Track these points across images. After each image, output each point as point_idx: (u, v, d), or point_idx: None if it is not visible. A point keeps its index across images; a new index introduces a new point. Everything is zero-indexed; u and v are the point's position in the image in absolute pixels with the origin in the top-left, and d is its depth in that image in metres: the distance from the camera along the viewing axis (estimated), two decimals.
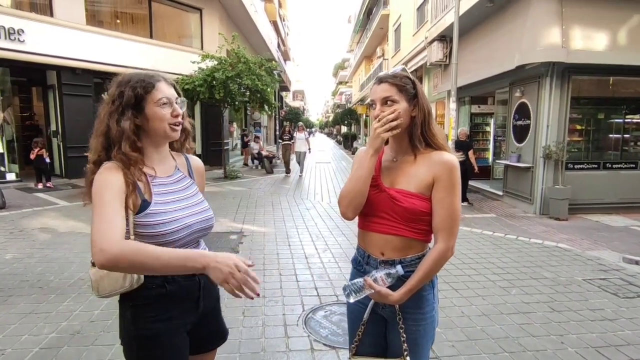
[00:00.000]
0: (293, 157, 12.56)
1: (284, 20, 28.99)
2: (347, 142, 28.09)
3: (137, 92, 1.17)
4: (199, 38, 12.74)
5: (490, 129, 10.50)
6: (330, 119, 63.10)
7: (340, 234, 5.43)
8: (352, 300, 1.25)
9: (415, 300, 1.28)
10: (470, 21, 8.55)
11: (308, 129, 54.38)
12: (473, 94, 10.14)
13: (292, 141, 12.29)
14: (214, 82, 9.32)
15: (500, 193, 8.25)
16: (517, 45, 6.85)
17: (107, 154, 1.19)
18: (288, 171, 12.27)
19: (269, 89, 10.05)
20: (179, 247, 1.21)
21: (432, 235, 1.30)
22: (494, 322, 3.02)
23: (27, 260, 4.16)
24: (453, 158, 1.26)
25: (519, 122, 7.47)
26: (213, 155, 12.75)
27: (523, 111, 7.32)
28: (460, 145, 7.54)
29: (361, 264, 1.39)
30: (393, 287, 1.23)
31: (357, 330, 1.38)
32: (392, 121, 1.21)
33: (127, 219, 1.11)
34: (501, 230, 5.84)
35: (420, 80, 14.13)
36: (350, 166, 15.64)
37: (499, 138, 9.54)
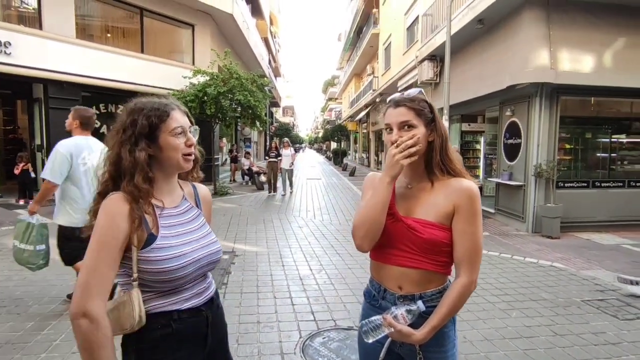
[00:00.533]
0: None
1: (274, 37, 29.32)
2: (337, 158, 28.15)
3: (151, 120, 1.11)
4: (190, 54, 12.71)
5: (481, 146, 10.61)
6: (320, 134, 63.49)
7: (335, 254, 5.32)
8: (370, 340, 1.15)
9: (437, 338, 1.18)
10: (461, 41, 8.72)
11: (297, 145, 54.78)
12: (463, 112, 10.28)
13: (279, 158, 11.75)
14: (206, 97, 9.25)
15: (492, 211, 8.27)
16: (507, 66, 6.98)
17: (115, 185, 1.11)
18: (273, 190, 11.67)
19: (260, 105, 10.02)
20: (185, 284, 1.14)
21: (452, 267, 1.23)
22: (497, 347, 2.93)
23: (5, 284, 3.93)
24: (473, 185, 1.20)
25: (510, 141, 7.55)
26: (203, 170, 12.41)
27: (514, 130, 7.41)
28: None
29: (376, 299, 1.30)
30: (414, 325, 1.13)
31: None
32: (411, 147, 1.14)
33: (130, 257, 1.06)
34: (495, 248, 5.81)
35: None
36: (341, 182, 15.66)
37: (489, 156, 9.62)
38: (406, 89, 10.34)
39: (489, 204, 8.67)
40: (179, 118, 1.16)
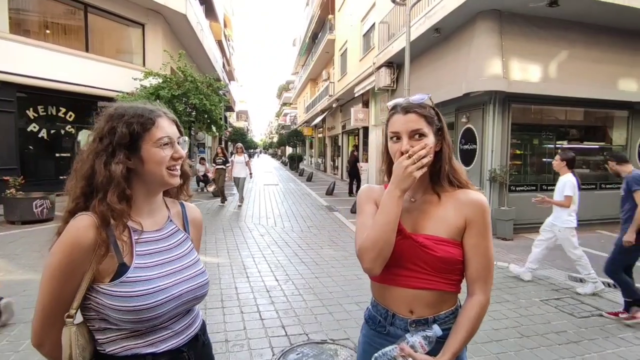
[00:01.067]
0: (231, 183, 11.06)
1: (228, 40, 28.70)
2: (294, 164, 27.99)
3: (133, 129, 0.95)
4: (140, 54, 12.02)
5: None
6: (275, 139, 63.01)
7: (300, 263, 5.16)
8: None
9: None
10: (418, 49, 8.96)
11: (252, 150, 53.85)
12: None
13: (228, 165, 10.35)
14: (158, 100, 8.74)
15: None
16: (463, 74, 7.25)
17: (87, 202, 0.94)
18: (223, 200, 10.46)
19: (217, 109, 9.65)
20: (163, 322, 0.97)
21: (460, 285, 1.13)
22: (471, 353, 2.93)
23: None
24: (483, 197, 1.13)
25: (466, 147, 7.85)
26: None
27: (469, 136, 7.71)
28: None
29: (382, 325, 1.17)
30: (429, 351, 1.02)
31: None
32: (423, 157, 1.03)
33: (90, 296, 0.91)
34: None
35: (367, 104, 14.55)
36: (299, 188, 15.50)
37: None
38: (362, 95, 10.53)
39: None
40: (166, 127, 1.00)
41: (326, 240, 6.46)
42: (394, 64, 10.70)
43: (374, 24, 13.08)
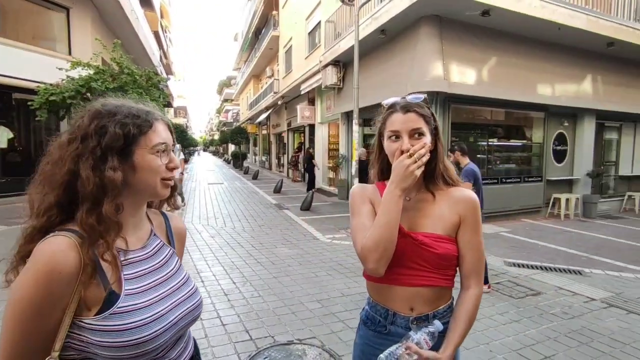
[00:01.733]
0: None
1: (165, 31, 27.14)
2: (238, 162, 27.34)
3: (128, 130, 0.82)
4: (65, 41, 10.91)
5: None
6: (216, 137, 60.99)
7: (256, 263, 5.07)
8: None
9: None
10: (365, 49, 9.17)
11: (192, 148, 51.57)
12: (365, 117, 10.85)
13: None
14: (90, 94, 8.01)
15: None
16: (408, 75, 7.59)
17: (61, 215, 0.79)
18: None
19: (157, 105, 9.07)
20: (158, 354, 0.85)
21: (454, 280, 1.18)
22: None
23: None
24: (474, 195, 1.18)
25: None
26: None
27: None
28: (361, 165, 7.94)
29: (383, 325, 1.18)
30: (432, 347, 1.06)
31: None
32: (423, 157, 1.06)
33: (71, 334, 0.76)
34: None
35: (313, 102, 14.64)
36: (245, 186, 15.18)
37: None
38: (307, 93, 10.58)
39: None
40: (162, 132, 0.89)
41: (279, 239, 6.41)
42: (341, 63, 10.88)
43: (319, 22, 13.18)
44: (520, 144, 9.43)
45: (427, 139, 1.11)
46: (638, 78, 10.07)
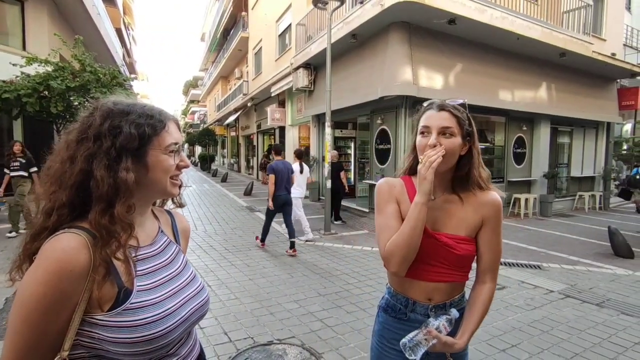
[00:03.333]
0: None
1: (129, 29, 26.16)
2: (205, 164, 26.77)
3: (143, 131, 0.82)
4: (19, 36, 10.26)
5: (352, 151, 11.56)
6: (183, 138, 59.26)
7: (230, 266, 5.02)
8: (418, 357, 1.10)
9: None
10: (336, 53, 9.30)
11: None
12: (336, 120, 10.97)
13: (34, 170, 7.15)
14: (49, 92, 7.61)
15: (367, 210, 9.08)
16: (379, 79, 7.78)
17: (72, 215, 0.79)
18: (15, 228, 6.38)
19: None
20: (169, 351, 0.85)
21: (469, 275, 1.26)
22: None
23: None
24: (499, 198, 1.24)
25: (381, 146, 8.43)
26: None
27: (384, 137, 8.30)
28: (332, 167, 8.03)
29: (403, 312, 1.26)
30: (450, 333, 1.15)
31: None
32: (434, 161, 1.10)
33: (80, 331, 0.75)
34: (376, 245, 6.35)
35: (283, 104, 14.64)
36: (214, 189, 14.91)
37: (362, 160, 10.54)
38: (278, 95, 10.60)
39: (362, 203, 9.49)
40: (174, 132, 0.90)
41: (253, 241, 6.37)
42: (312, 66, 10.96)
43: (289, 24, 13.20)
44: (483, 146, 9.84)
45: (456, 140, 1.15)
46: (586, 87, 10.86)
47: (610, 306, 3.93)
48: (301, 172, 6.71)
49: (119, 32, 20.08)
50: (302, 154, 7.00)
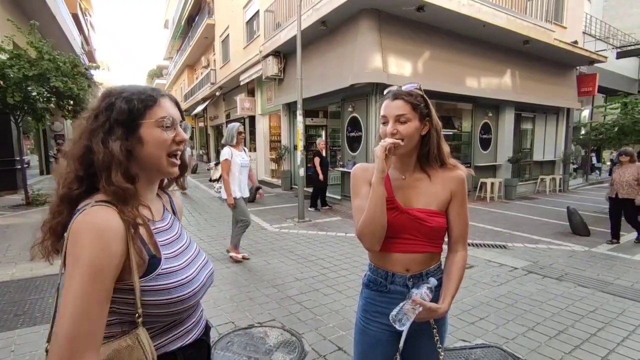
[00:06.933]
0: None
1: (86, 14, 24.76)
2: None
3: (133, 105, 0.86)
4: None
5: (323, 139, 11.56)
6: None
7: (207, 255, 4.96)
8: (405, 327, 1.19)
9: None
10: (306, 40, 9.22)
11: None
12: (307, 108, 10.94)
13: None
14: (4, 82, 7.15)
15: (339, 197, 9.19)
16: (349, 67, 7.82)
17: (82, 188, 0.85)
18: None
19: (86, 95, 8.32)
20: (189, 313, 0.95)
21: (442, 246, 1.35)
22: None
23: None
24: (463, 174, 1.33)
25: (352, 134, 8.52)
26: (2, 176, 9.75)
27: (355, 124, 8.39)
28: (314, 155, 8.17)
29: (384, 285, 1.34)
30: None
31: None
32: (389, 145, 1.21)
33: (124, 290, 0.83)
34: (350, 230, 6.44)
35: (253, 93, 14.43)
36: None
37: (333, 148, 10.61)
38: (247, 84, 10.43)
39: (335, 191, 9.58)
40: (169, 107, 0.93)
41: (228, 230, 6.29)
42: (282, 54, 10.83)
43: (257, 11, 12.94)
44: (451, 133, 10.19)
45: (413, 124, 1.24)
46: (548, 74, 11.36)
47: (569, 279, 4.23)
48: None
49: (75, 17, 19.00)
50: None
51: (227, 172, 4.49)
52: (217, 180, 5.07)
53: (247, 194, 4.80)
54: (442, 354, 1.31)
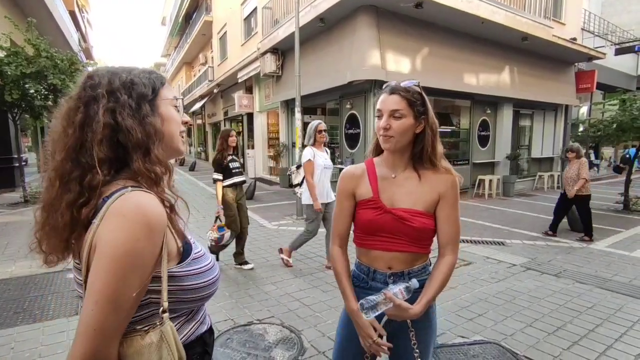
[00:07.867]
0: None
1: (83, 11, 24.63)
2: None
3: (152, 81, 0.85)
4: None
5: None
6: None
7: None
8: (371, 317, 1.17)
9: (425, 311, 1.26)
10: (304, 37, 9.19)
11: None
12: (305, 105, 10.90)
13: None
14: (2, 79, 7.11)
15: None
16: (347, 64, 7.79)
17: (112, 169, 0.79)
18: None
19: None
20: (208, 298, 0.92)
21: (430, 247, 1.32)
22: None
23: None
24: (454, 177, 1.30)
25: (350, 131, 8.51)
26: (0, 174, 9.71)
27: (353, 121, 8.38)
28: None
29: (365, 281, 1.33)
30: (407, 301, 1.20)
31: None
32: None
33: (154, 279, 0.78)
34: None
35: (251, 90, 14.39)
36: (182, 178, 14.61)
37: (332, 145, 10.59)
38: (245, 81, 10.39)
39: (333, 188, 9.57)
40: (172, 89, 0.94)
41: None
42: (279, 50, 10.79)
43: (255, 8, 12.89)
44: (449, 130, 10.19)
45: (407, 120, 1.22)
46: (546, 70, 11.35)
47: (567, 276, 4.24)
48: None
49: (72, 14, 18.91)
50: None
51: (311, 174, 4.13)
52: (300, 184, 4.58)
53: (331, 198, 4.30)
54: (418, 356, 1.27)
